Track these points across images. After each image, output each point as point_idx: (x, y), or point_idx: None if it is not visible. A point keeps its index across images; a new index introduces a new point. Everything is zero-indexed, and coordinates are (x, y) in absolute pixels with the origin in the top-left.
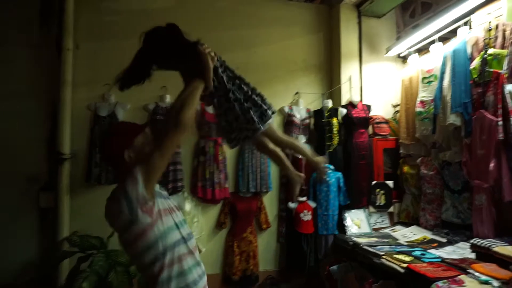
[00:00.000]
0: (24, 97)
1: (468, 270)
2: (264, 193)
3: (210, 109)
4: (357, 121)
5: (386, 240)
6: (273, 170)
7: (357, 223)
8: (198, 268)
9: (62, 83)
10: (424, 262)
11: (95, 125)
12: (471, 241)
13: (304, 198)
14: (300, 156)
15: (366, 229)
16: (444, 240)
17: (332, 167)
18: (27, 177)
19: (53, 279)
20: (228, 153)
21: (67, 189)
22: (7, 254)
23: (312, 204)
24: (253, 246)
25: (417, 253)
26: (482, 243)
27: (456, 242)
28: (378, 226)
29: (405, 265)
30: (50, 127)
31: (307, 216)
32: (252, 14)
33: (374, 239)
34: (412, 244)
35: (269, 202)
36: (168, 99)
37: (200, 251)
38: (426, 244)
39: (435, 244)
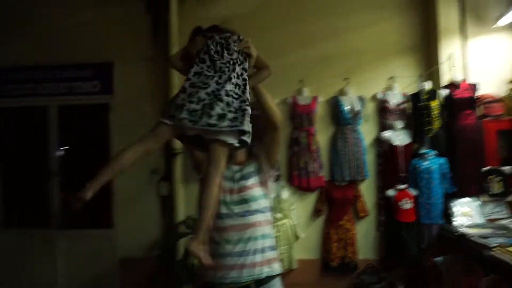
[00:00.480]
0: (144, 102)
1: None
2: (361, 181)
3: (301, 101)
4: (460, 102)
5: (501, 232)
6: (369, 158)
7: (467, 212)
8: (216, 246)
9: (168, 87)
10: None
11: None
12: None
13: (403, 186)
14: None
15: (477, 219)
16: None
17: (434, 152)
18: (150, 169)
19: (173, 255)
20: (322, 142)
21: (181, 179)
22: (138, 233)
23: (413, 192)
24: (351, 234)
25: None
26: None
27: None
28: (494, 217)
29: None
30: None
31: (407, 204)
32: (339, 2)
33: (486, 230)
34: None
35: (367, 190)
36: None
37: (298, 237)
38: None
39: None
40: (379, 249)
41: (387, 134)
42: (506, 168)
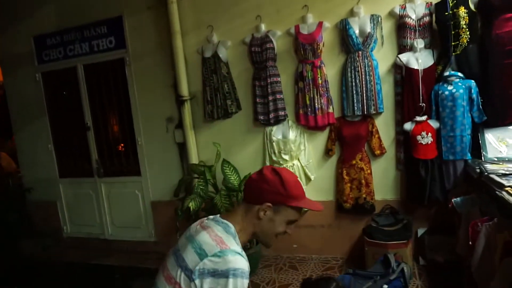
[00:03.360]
0: (154, 52)
1: None
2: (376, 115)
3: (304, 30)
4: (498, 3)
5: None
6: (385, 88)
7: (501, 144)
8: None
9: (172, 34)
10: None
11: (203, 67)
12: None
13: (423, 118)
14: None
15: None
16: None
17: (459, 74)
18: (166, 118)
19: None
20: (330, 75)
21: (191, 126)
22: (163, 179)
23: (434, 124)
24: (365, 174)
25: None
26: None
27: None
28: None
29: None
30: (173, 74)
31: (426, 138)
32: None
33: None
34: None
35: (384, 125)
36: (263, 27)
37: (309, 179)
38: None
39: None
40: (398, 189)
41: (404, 56)
42: None
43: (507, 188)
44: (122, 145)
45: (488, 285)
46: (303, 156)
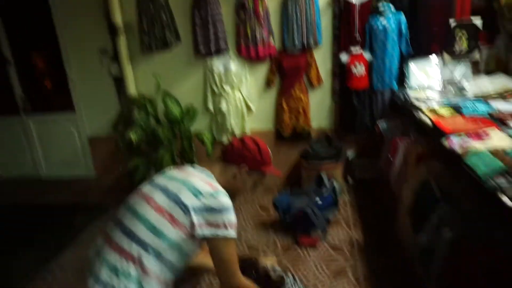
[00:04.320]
0: None
1: (507, 122)
2: (314, 47)
3: None
4: None
5: (449, 93)
6: (324, 21)
7: (423, 74)
8: None
9: None
10: (461, 114)
11: None
12: None
13: (357, 49)
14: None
15: (433, 80)
16: None
17: (391, 6)
18: (99, 49)
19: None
20: (271, 6)
21: (127, 59)
22: (100, 115)
23: (367, 56)
24: (303, 104)
25: (467, 106)
26: None
27: None
28: (456, 77)
29: (433, 118)
30: (104, 3)
31: (359, 69)
32: None
33: (434, 92)
34: (478, 97)
35: (321, 57)
36: None
37: (250, 110)
38: (501, 97)
39: (510, 95)
40: (333, 118)
41: None
42: (476, 21)
43: (424, 111)
44: (49, 80)
45: (401, 187)
46: (244, 88)
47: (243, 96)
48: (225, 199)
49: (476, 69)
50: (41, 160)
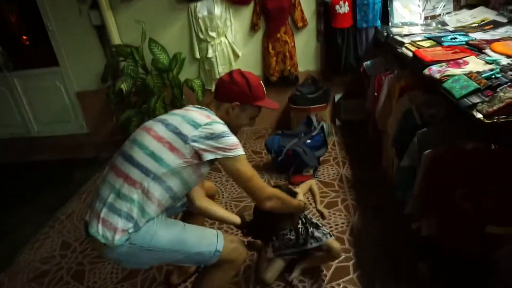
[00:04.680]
0: None
1: (484, 51)
2: None
3: None
4: None
5: (430, 28)
6: None
7: (406, 10)
8: None
9: None
10: (441, 45)
11: None
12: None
13: None
14: None
15: (416, 17)
16: (504, 20)
17: None
18: None
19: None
20: None
21: (108, 6)
22: (85, 68)
23: None
24: (289, 47)
25: (448, 38)
26: None
27: None
28: (438, 12)
29: (413, 49)
30: None
31: (343, 8)
32: None
33: (416, 28)
34: (459, 29)
35: None
36: None
37: (236, 55)
38: (479, 27)
39: (489, 26)
40: (319, 61)
41: None
42: None
43: (406, 45)
44: (25, 35)
45: (386, 123)
46: (230, 33)
47: (229, 41)
48: (221, 126)
49: (458, 3)
50: (31, 118)
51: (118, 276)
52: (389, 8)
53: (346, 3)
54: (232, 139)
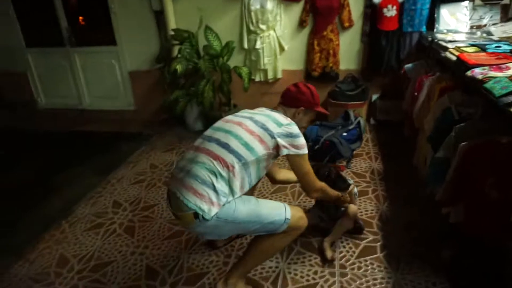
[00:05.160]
0: None
1: None
2: None
3: None
4: None
5: (475, 36)
6: None
7: (453, 18)
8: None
9: None
10: (485, 51)
11: None
12: None
13: None
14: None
15: (462, 25)
16: None
17: None
18: None
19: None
20: None
21: None
22: (140, 48)
23: None
24: (334, 45)
25: (492, 45)
26: None
27: None
28: (484, 22)
29: (457, 54)
30: None
31: (391, 11)
32: None
33: (460, 35)
34: (503, 39)
35: None
36: None
37: (282, 49)
38: None
39: None
40: (360, 60)
41: None
42: None
43: (450, 49)
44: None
45: (423, 121)
46: (279, 27)
47: (277, 35)
48: (296, 128)
49: (505, 14)
50: (84, 91)
51: (164, 233)
52: (436, 15)
53: (394, 7)
54: (303, 140)
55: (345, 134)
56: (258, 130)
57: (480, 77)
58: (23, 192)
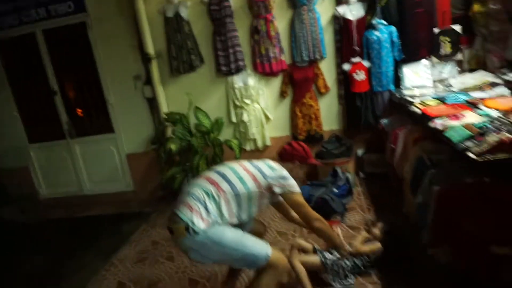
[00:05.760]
0: (116, 14)
1: (478, 106)
2: (320, 60)
3: None
4: None
5: (438, 89)
6: (327, 37)
7: (415, 75)
8: None
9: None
10: (444, 103)
11: (166, 26)
12: (504, 76)
13: (357, 59)
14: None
15: (425, 81)
16: (501, 81)
17: (383, 22)
18: (133, 76)
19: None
20: (281, 28)
21: (159, 82)
22: (136, 133)
23: (366, 64)
24: (314, 110)
25: (450, 97)
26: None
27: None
28: (444, 76)
29: (422, 108)
30: (137, 35)
31: (360, 75)
32: None
33: (425, 90)
34: (462, 90)
35: (327, 68)
36: None
37: (268, 119)
38: (479, 88)
39: (488, 87)
40: (341, 120)
41: (341, 9)
42: (456, 27)
43: (415, 104)
44: (81, 108)
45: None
46: (262, 100)
47: (261, 107)
48: (287, 172)
49: (461, 67)
50: (85, 178)
51: None
52: (400, 74)
53: (363, 72)
54: (294, 182)
55: (335, 190)
56: (253, 170)
57: (441, 128)
58: (34, 281)
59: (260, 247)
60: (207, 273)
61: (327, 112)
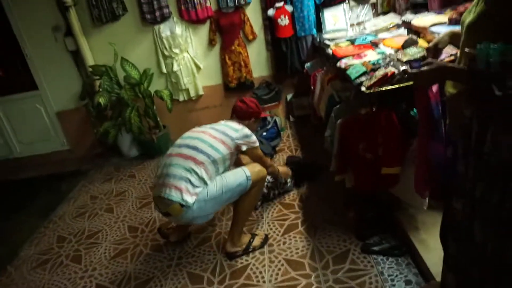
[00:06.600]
0: None
1: (379, 45)
2: (245, 5)
3: None
4: None
5: (354, 33)
6: None
7: (335, 20)
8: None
9: None
10: (353, 44)
11: None
12: (402, 17)
13: (281, 4)
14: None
15: (342, 24)
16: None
17: None
18: (52, 27)
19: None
20: None
21: (81, 32)
22: (64, 89)
23: (289, 8)
24: (243, 57)
25: (360, 38)
26: (408, 18)
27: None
28: (361, 20)
29: (333, 49)
30: None
31: (284, 20)
32: None
33: (342, 33)
34: (373, 32)
35: (253, 14)
36: None
37: (199, 68)
38: (387, 29)
39: (394, 28)
40: (270, 66)
41: None
42: None
43: (330, 47)
44: (3, 64)
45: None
46: (191, 48)
47: (191, 56)
48: (248, 130)
49: (376, 11)
50: (13, 140)
51: (111, 254)
52: (321, 19)
53: (286, 16)
54: (255, 137)
55: (264, 133)
56: (219, 135)
57: (343, 66)
58: None
59: (239, 175)
60: (145, 219)
61: (256, 59)
